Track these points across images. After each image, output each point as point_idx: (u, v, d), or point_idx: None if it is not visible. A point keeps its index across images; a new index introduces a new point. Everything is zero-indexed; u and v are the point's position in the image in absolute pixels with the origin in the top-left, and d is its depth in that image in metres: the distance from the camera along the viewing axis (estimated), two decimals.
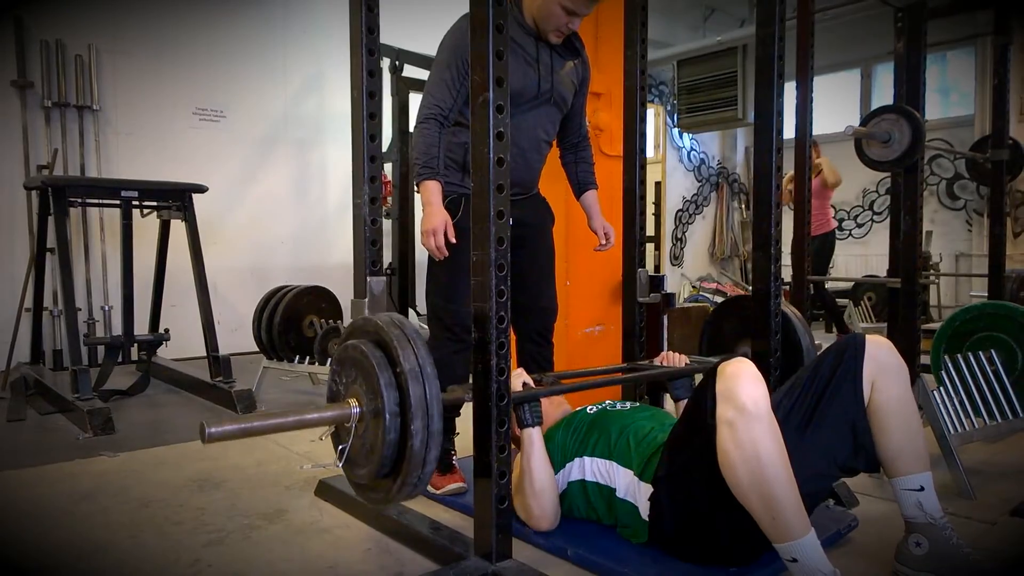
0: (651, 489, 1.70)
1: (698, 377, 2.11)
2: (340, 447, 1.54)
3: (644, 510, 1.73)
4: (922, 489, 1.62)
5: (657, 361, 2.28)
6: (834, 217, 6.96)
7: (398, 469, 1.46)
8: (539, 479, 1.83)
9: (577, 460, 1.88)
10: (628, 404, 2.03)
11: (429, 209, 2.11)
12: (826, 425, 1.62)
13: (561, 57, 2.26)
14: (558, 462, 1.90)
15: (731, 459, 1.43)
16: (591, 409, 2.00)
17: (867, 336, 1.69)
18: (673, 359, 2.22)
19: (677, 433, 1.69)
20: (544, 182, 2.41)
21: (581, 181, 2.49)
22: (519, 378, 1.90)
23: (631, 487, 1.77)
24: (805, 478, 1.48)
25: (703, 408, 1.51)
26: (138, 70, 5.05)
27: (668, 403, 2.75)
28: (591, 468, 1.85)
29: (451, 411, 2.30)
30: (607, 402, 2.05)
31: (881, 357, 1.66)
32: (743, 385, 1.45)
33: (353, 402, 1.50)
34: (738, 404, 1.43)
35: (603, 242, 2.44)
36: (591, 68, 2.42)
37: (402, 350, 1.45)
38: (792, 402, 1.64)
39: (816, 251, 5.26)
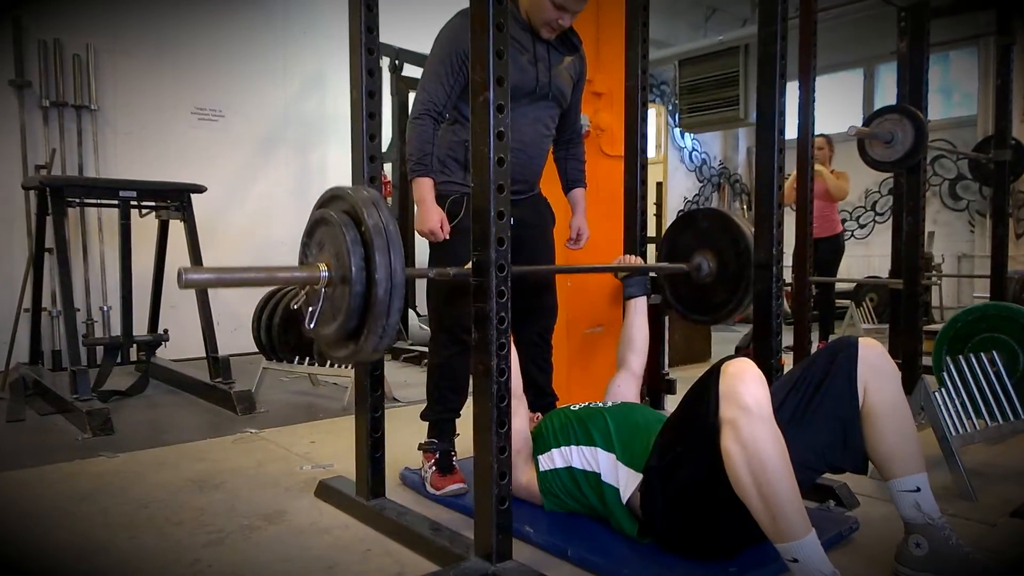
0: (634, 474, 1.75)
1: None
2: (311, 309, 1.60)
3: (625, 494, 1.77)
4: (918, 490, 1.63)
5: (614, 262, 2.53)
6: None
7: (364, 320, 1.51)
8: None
9: (564, 448, 1.92)
10: (610, 403, 2.08)
11: (423, 206, 2.12)
12: (817, 421, 1.65)
13: (559, 52, 2.25)
14: (542, 446, 1.97)
15: (733, 459, 1.43)
16: (575, 407, 2.05)
17: (859, 339, 1.70)
18: (630, 260, 2.52)
19: (672, 425, 1.71)
20: (544, 182, 2.40)
21: (570, 178, 2.49)
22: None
23: (612, 469, 1.81)
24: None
25: (704, 406, 1.51)
26: (137, 70, 5.04)
27: (668, 404, 2.74)
28: (577, 456, 1.90)
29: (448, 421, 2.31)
30: (591, 403, 2.10)
31: (873, 360, 1.67)
32: (746, 385, 1.45)
33: (322, 266, 1.57)
34: (741, 404, 1.43)
35: (572, 240, 2.45)
36: (592, 68, 2.41)
37: (366, 209, 1.52)
38: (783, 396, 1.67)
39: (822, 256, 4.88)
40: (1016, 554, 1.85)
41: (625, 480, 1.78)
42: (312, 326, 1.60)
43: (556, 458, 1.94)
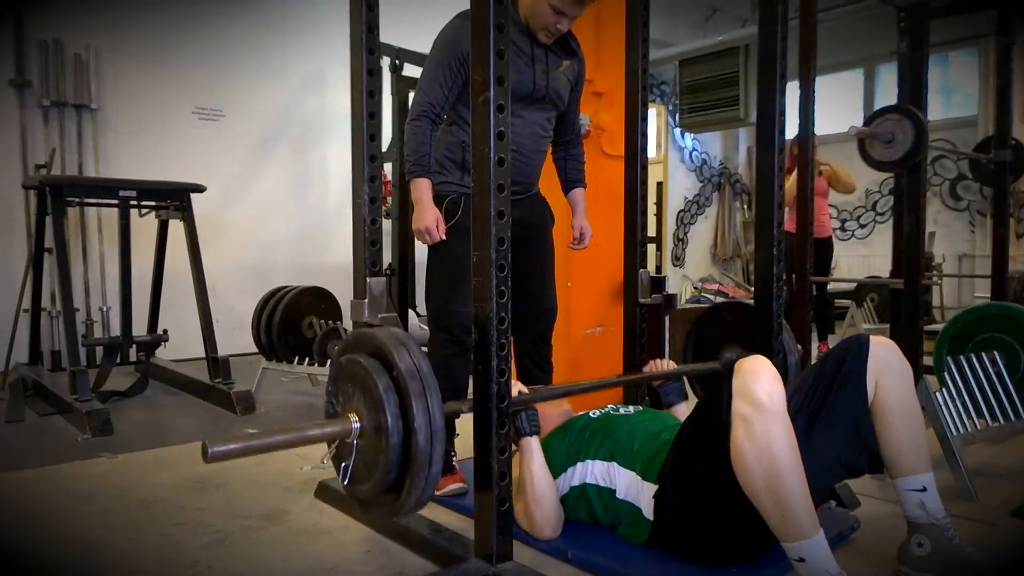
0: (656, 487, 1.70)
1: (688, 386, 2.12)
2: (343, 465, 1.51)
3: (648, 510, 1.72)
4: (924, 490, 1.62)
5: (646, 369, 2.29)
6: (835, 218, 6.94)
7: (404, 473, 1.43)
8: (539, 486, 1.82)
9: (579, 464, 1.86)
10: (632, 408, 2.02)
11: (420, 207, 2.12)
12: (831, 425, 1.63)
13: (557, 56, 2.25)
14: (558, 467, 1.89)
15: (744, 455, 1.42)
16: (594, 413, 1.99)
17: (871, 336, 1.69)
18: (662, 365, 2.26)
19: (687, 428, 1.69)
20: (544, 182, 2.40)
21: (569, 178, 2.49)
22: (514, 387, 1.89)
23: (633, 488, 1.76)
24: (810, 477, 1.47)
25: (717, 404, 1.51)
26: (137, 69, 5.04)
27: None
28: (592, 471, 1.84)
29: (449, 421, 2.29)
30: (610, 406, 2.04)
31: (884, 356, 1.66)
32: (760, 381, 1.44)
33: (353, 416, 1.48)
34: (755, 400, 1.43)
35: (576, 239, 2.44)
36: (592, 68, 2.41)
37: (396, 352, 1.44)
38: (799, 403, 1.64)
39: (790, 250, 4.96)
40: (1017, 554, 1.85)
41: (647, 496, 1.72)
42: (346, 483, 1.51)
43: (574, 477, 1.88)
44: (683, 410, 2.23)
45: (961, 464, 2.24)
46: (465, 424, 1.88)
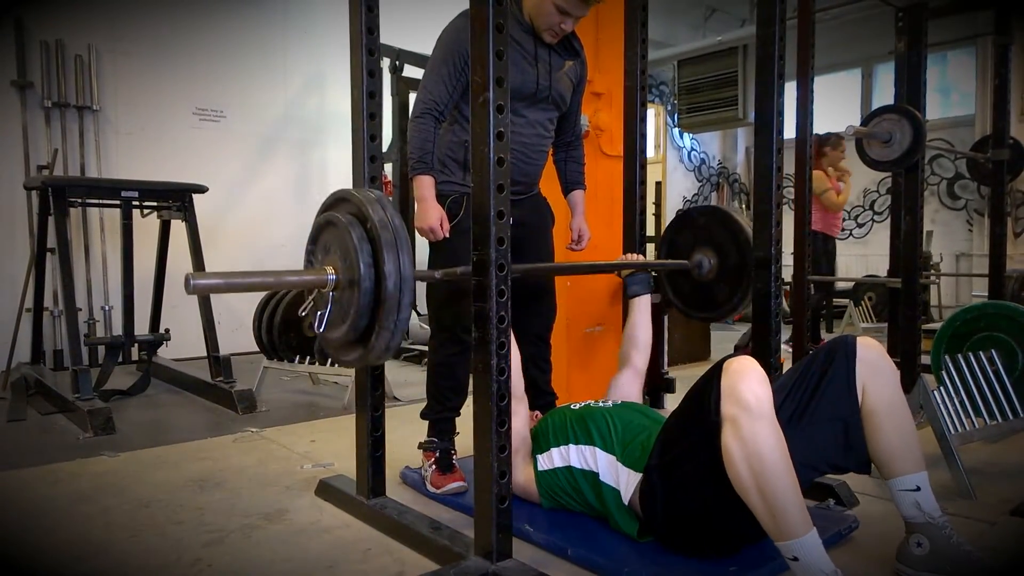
0: (634, 474, 1.75)
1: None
2: (319, 313, 1.60)
3: (626, 495, 1.77)
4: (918, 489, 1.63)
5: (617, 260, 2.53)
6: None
7: (375, 318, 1.51)
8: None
9: (562, 447, 1.93)
10: (611, 402, 2.08)
11: (423, 205, 2.13)
12: (816, 422, 1.65)
13: (560, 56, 2.26)
14: (541, 446, 1.98)
15: (734, 456, 1.44)
16: (575, 405, 2.05)
17: (857, 339, 1.70)
18: (633, 257, 2.54)
19: (673, 423, 1.71)
20: (544, 182, 2.41)
21: (570, 180, 2.50)
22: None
23: (611, 470, 1.82)
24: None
25: (706, 403, 1.52)
26: (138, 70, 5.05)
27: (668, 403, 2.75)
28: (576, 455, 1.90)
29: (449, 419, 2.31)
30: (590, 401, 2.09)
31: (872, 359, 1.67)
32: (748, 383, 1.45)
33: (329, 269, 1.57)
34: (742, 401, 1.44)
35: (574, 241, 2.46)
36: (591, 68, 2.42)
37: (371, 207, 1.53)
38: (783, 397, 1.67)
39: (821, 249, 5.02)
40: (1016, 552, 1.85)
41: (626, 481, 1.78)
42: (321, 330, 1.60)
43: (555, 457, 1.94)
44: (645, 302, 2.47)
45: (959, 463, 2.25)
46: (465, 423, 1.89)
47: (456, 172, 2.23)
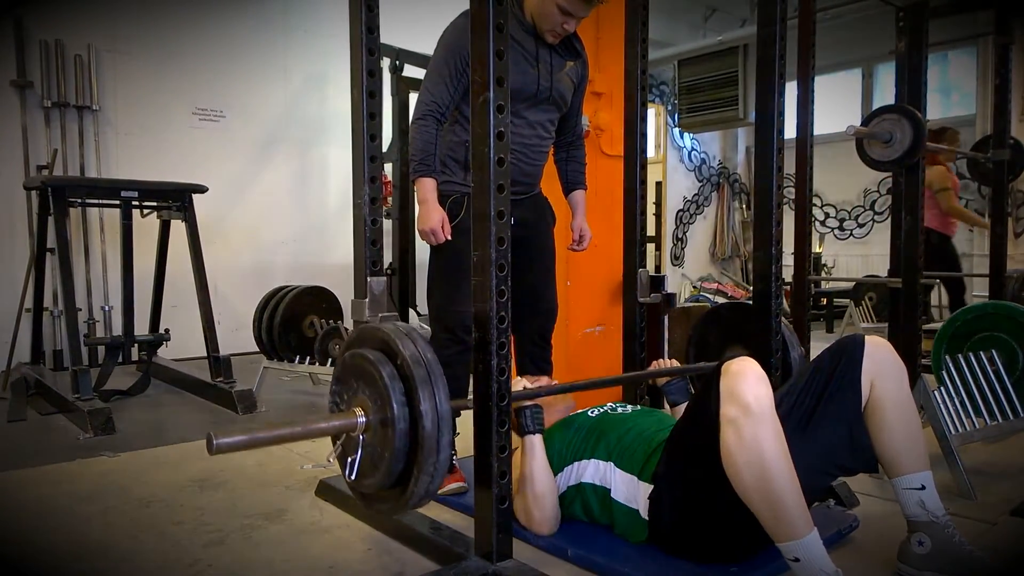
0: (651, 487, 1.71)
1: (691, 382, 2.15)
2: (349, 460, 1.51)
3: (644, 511, 1.72)
4: (923, 488, 1.63)
5: (651, 366, 2.29)
6: (834, 217, 6.93)
7: (412, 462, 1.43)
8: (540, 484, 1.83)
9: (577, 464, 1.87)
10: (630, 407, 2.03)
11: (425, 207, 2.12)
12: (825, 424, 1.63)
13: (561, 57, 2.26)
14: (557, 465, 1.89)
15: (734, 458, 1.43)
16: (592, 412, 2.00)
17: (866, 337, 1.70)
18: (664, 364, 2.26)
19: (679, 429, 1.70)
20: (545, 182, 2.40)
21: (570, 180, 2.50)
22: (518, 384, 1.90)
23: (630, 489, 1.77)
24: (803, 475, 1.48)
25: (707, 406, 1.51)
26: (138, 70, 5.05)
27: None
28: (590, 471, 1.85)
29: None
30: (608, 405, 2.04)
31: (880, 357, 1.66)
32: (747, 384, 1.45)
33: (358, 411, 1.49)
34: (742, 403, 1.43)
35: (575, 241, 2.45)
36: (592, 68, 2.42)
37: (400, 341, 1.46)
38: (792, 402, 1.65)
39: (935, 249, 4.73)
40: (1017, 552, 1.85)
41: (643, 496, 1.73)
42: (352, 478, 1.51)
43: (571, 477, 1.89)
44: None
45: (959, 463, 2.24)
46: (465, 423, 1.89)
47: (457, 172, 2.23)
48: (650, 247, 7.55)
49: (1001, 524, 2.01)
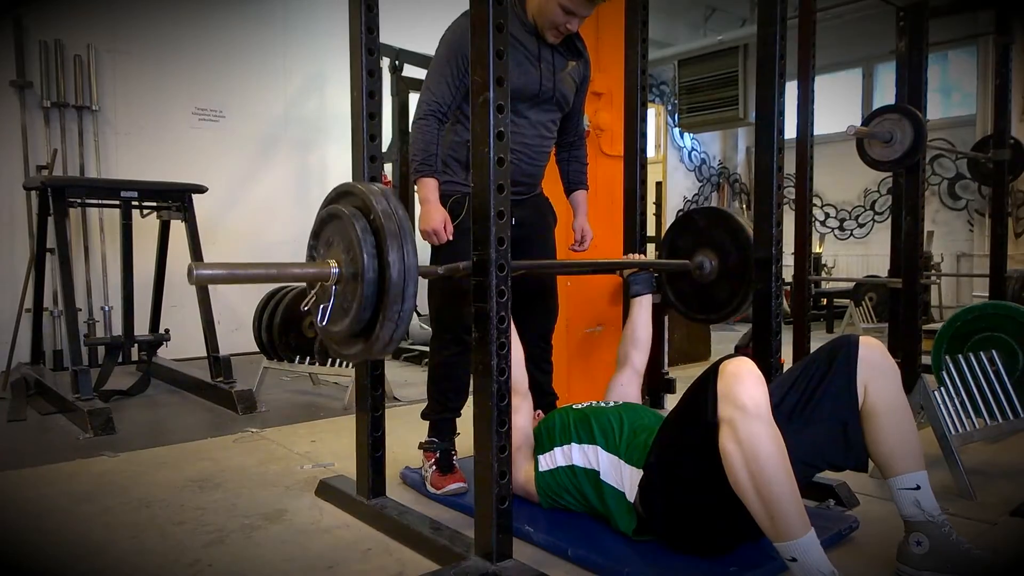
0: (637, 471, 1.75)
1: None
2: (322, 306, 1.59)
3: (630, 494, 1.77)
4: (918, 488, 1.63)
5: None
6: (834, 217, 6.89)
7: (378, 309, 1.50)
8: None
9: (565, 446, 1.93)
10: (612, 403, 2.08)
11: (427, 207, 2.12)
12: (816, 420, 1.65)
13: (563, 56, 2.25)
14: (544, 445, 1.98)
15: (731, 458, 1.44)
16: (578, 406, 2.06)
17: (859, 337, 1.70)
18: (635, 257, 2.57)
19: (672, 421, 1.72)
20: (545, 182, 2.40)
21: (572, 180, 2.50)
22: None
23: (615, 469, 1.82)
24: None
25: (702, 405, 1.52)
26: (138, 70, 5.04)
27: (668, 403, 2.75)
28: (578, 453, 1.91)
29: (450, 420, 2.31)
30: (593, 402, 2.10)
31: (874, 359, 1.67)
32: (744, 385, 1.45)
33: (332, 262, 1.56)
34: (739, 403, 1.44)
35: (577, 241, 2.47)
36: (592, 68, 2.41)
37: (374, 198, 1.52)
38: (782, 394, 1.67)
39: None
40: (1016, 552, 1.85)
41: (629, 479, 1.78)
42: (324, 323, 1.59)
43: (558, 457, 1.94)
44: (647, 302, 2.47)
45: (959, 463, 2.24)
46: (465, 424, 1.89)
47: (458, 172, 2.23)
48: (650, 247, 7.54)
49: (1001, 524, 2.01)
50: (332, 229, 1.60)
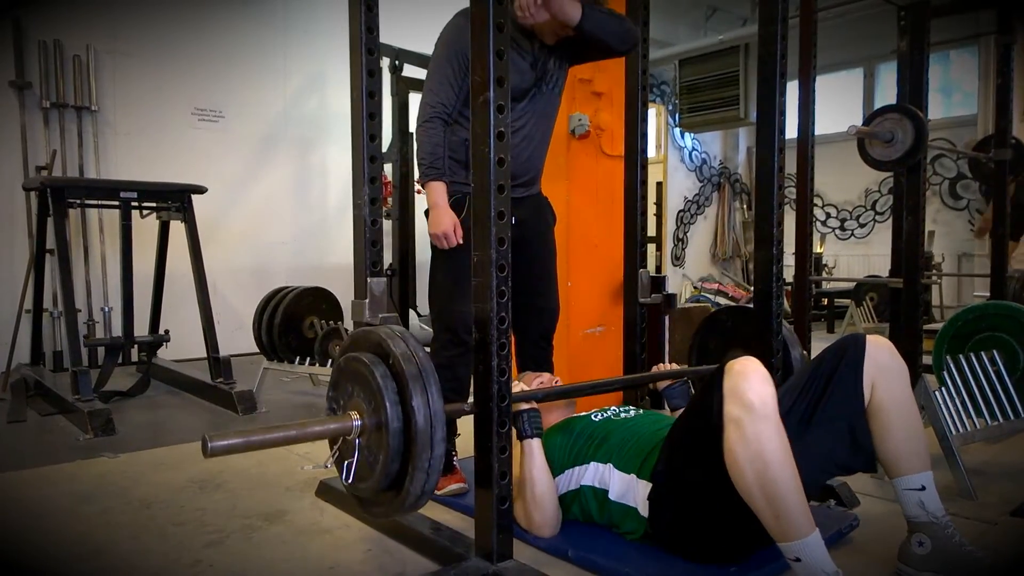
0: (650, 485, 1.71)
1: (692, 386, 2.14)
2: (346, 463, 1.52)
3: (643, 508, 1.73)
4: (923, 488, 1.63)
5: (652, 369, 2.29)
6: (835, 217, 6.88)
7: (407, 461, 1.43)
8: (540, 486, 1.83)
9: (579, 467, 1.87)
10: (633, 411, 2.02)
11: (436, 211, 2.11)
12: (825, 423, 1.64)
13: (556, 47, 2.25)
14: (559, 466, 1.89)
15: (737, 457, 1.43)
16: (596, 416, 1.99)
17: (868, 337, 1.69)
18: (665, 368, 2.26)
19: (680, 427, 1.69)
20: (544, 182, 2.40)
21: None
22: (517, 385, 1.89)
23: (628, 489, 1.77)
24: (801, 473, 1.48)
25: (709, 405, 1.51)
26: (137, 70, 5.05)
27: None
28: (590, 473, 1.85)
29: (450, 420, 2.29)
30: (612, 408, 2.04)
31: (881, 358, 1.66)
32: (751, 383, 1.44)
33: (354, 414, 1.50)
34: (745, 402, 1.43)
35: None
36: (592, 68, 2.42)
37: (392, 342, 1.48)
38: (793, 400, 1.65)
39: None
40: (1017, 552, 1.85)
41: (642, 494, 1.73)
42: (350, 482, 1.52)
43: (572, 480, 1.88)
44: None
45: (960, 463, 2.24)
46: (466, 424, 1.88)
47: (459, 172, 2.23)
48: (651, 247, 7.55)
49: (1002, 524, 2.01)
50: (351, 379, 1.53)
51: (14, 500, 2.31)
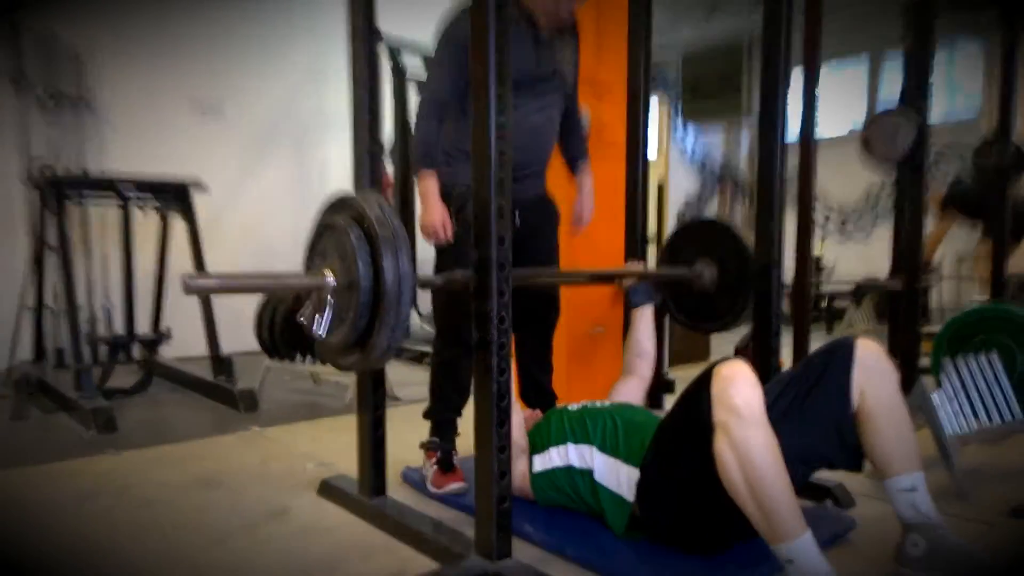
0: (635, 471, 1.76)
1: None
2: (318, 318, 1.59)
3: (629, 494, 1.77)
4: (915, 489, 1.64)
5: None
6: (840, 219, 6.85)
7: (375, 315, 1.50)
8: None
9: (560, 446, 1.93)
10: (608, 403, 2.09)
11: (427, 202, 2.12)
12: (810, 419, 1.66)
13: (560, 40, 2.25)
14: (539, 445, 1.98)
15: (726, 461, 1.45)
16: (573, 407, 2.06)
17: (857, 339, 1.70)
18: (636, 266, 2.59)
19: (667, 424, 1.72)
20: (547, 182, 2.40)
21: (573, 153, 2.47)
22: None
23: (611, 470, 1.82)
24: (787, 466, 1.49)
25: (697, 408, 1.52)
26: (135, 65, 5.04)
27: (668, 404, 2.75)
28: (573, 454, 1.91)
29: (450, 420, 2.31)
30: (586, 402, 2.10)
31: (870, 361, 1.68)
32: (738, 388, 1.46)
33: (328, 272, 1.57)
34: (733, 407, 1.45)
35: (574, 221, 2.45)
36: (594, 64, 2.42)
37: (368, 206, 1.53)
38: (778, 393, 1.68)
39: None
40: (1014, 553, 1.86)
41: (627, 479, 1.78)
42: (321, 334, 1.59)
43: (553, 457, 1.95)
44: (648, 312, 2.48)
45: (957, 465, 2.25)
46: (466, 423, 1.90)
47: (463, 164, 2.23)
48: (650, 248, 7.54)
49: (999, 525, 2.02)
50: (328, 240, 1.60)
51: (16, 498, 2.32)
